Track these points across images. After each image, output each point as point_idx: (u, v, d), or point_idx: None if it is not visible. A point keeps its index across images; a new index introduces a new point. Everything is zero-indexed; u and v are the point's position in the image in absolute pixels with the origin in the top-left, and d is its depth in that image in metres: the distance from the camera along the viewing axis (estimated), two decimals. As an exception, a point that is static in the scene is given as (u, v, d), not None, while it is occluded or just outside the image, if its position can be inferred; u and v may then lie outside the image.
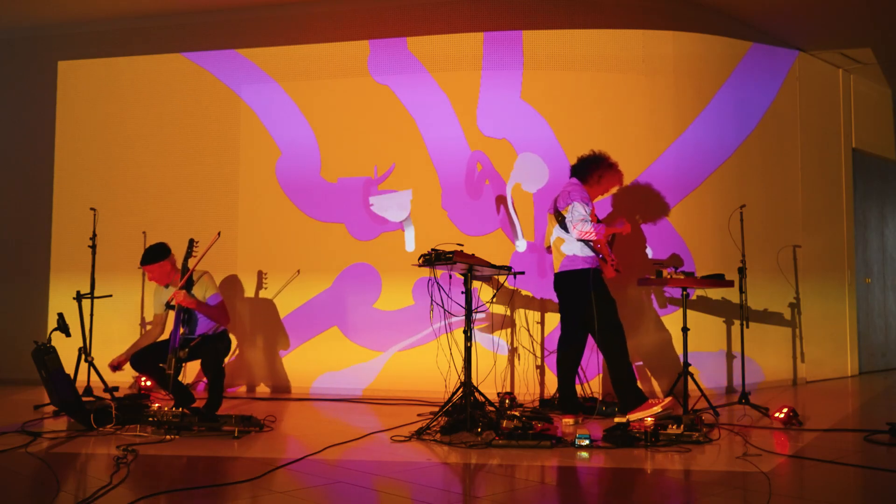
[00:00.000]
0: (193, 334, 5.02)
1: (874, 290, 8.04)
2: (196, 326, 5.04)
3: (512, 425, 4.22)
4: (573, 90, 6.22)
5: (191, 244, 5.08)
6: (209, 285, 5.10)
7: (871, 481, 3.55)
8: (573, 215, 4.91)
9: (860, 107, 7.74)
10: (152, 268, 5.12)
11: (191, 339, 4.98)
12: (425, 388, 6.05)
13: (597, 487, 3.57)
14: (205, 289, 5.06)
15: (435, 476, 3.66)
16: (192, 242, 5.09)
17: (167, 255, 5.15)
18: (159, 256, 5.12)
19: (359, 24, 6.52)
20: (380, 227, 6.34)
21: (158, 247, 5.16)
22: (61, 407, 4.69)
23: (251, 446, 4.19)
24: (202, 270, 5.14)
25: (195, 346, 4.93)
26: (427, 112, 6.33)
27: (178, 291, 4.90)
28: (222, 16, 6.80)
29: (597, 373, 5.82)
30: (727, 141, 6.51)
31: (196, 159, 6.66)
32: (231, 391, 6.29)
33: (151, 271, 5.14)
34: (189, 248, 5.06)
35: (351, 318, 6.34)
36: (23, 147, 7.22)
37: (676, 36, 6.33)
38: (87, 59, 7.02)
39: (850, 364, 7.43)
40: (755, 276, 6.12)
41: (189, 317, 4.98)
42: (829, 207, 7.38)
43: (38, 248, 7.00)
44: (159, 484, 3.45)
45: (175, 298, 4.90)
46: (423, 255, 4.61)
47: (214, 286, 5.14)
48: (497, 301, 5.87)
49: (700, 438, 4.21)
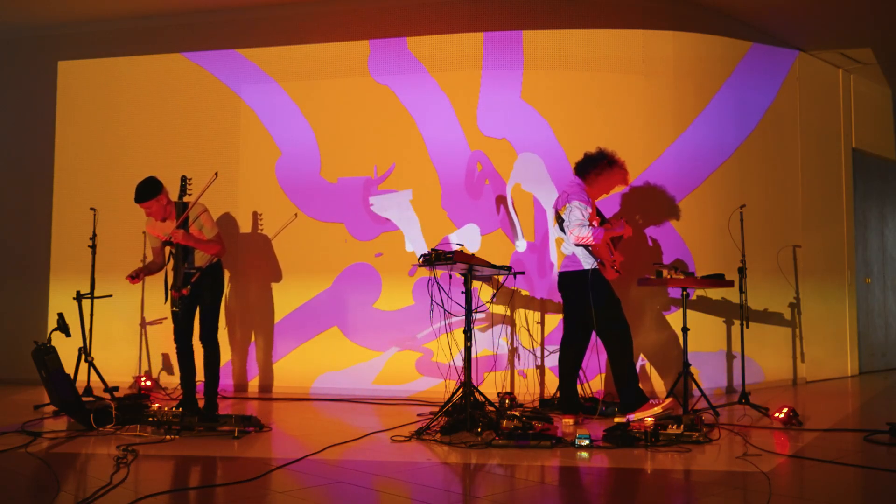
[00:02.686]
0: (193, 267, 5.00)
1: (874, 290, 8.04)
2: (194, 258, 5.02)
3: (512, 425, 4.22)
4: (573, 90, 6.22)
5: (184, 181, 5.00)
6: (206, 221, 5.04)
7: (871, 481, 3.55)
8: (570, 219, 4.87)
9: (860, 107, 7.74)
10: (150, 203, 5.01)
11: (191, 273, 4.96)
12: (425, 388, 6.06)
13: (597, 487, 3.57)
14: (201, 224, 5.02)
15: (435, 476, 3.66)
16: (185, 179, 5.01)
17: (161, 188, 5.05)
18: (155, 191, 5.02)
19: (359, 24, 6.52)
20: (380, 227, 6.34)
21: (150, 181, 5.04)
22: (61, 407, 4.70)
23: (251, 446, 4.19)
24: (200, 207, 5.03)
25: (196, 281, 4.94)
26: (427, 112, 6.33)
27: (175, 230, 4.87)
28: (222, 16, 6.80)
29: (597, 373, 5.82)
30: (727, 141, 6.51)
31: (196, 159, 6.65)
32: (228, 391, 6.29)
33: (150, 207, 5.03)
34: (182, 185, 4.99)
35: (351, 318, 6.34)
36: (23, 147, 7.22)
37: (676, 36, 6.33)
38: (87, 59, 7.02)
39: (850, 364, 7.43)
40: (755, 276, 6.11)
41: (186, 251, 4.96)
42: (829, 207, 7.38)
43: (38, 248, 7.00)
44: (159, 484, 3.45)
45: (174, 237, 4.88)
46: (423, 255, 4.61)
47: (212, 221, 5.08)
48: (497, 301, 5.87)
49: (700, 438, 4.21)
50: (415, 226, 6.28)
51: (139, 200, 5.03)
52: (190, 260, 5.00)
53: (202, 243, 4.99)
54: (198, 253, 5.03)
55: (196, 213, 5.00)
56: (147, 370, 6.54)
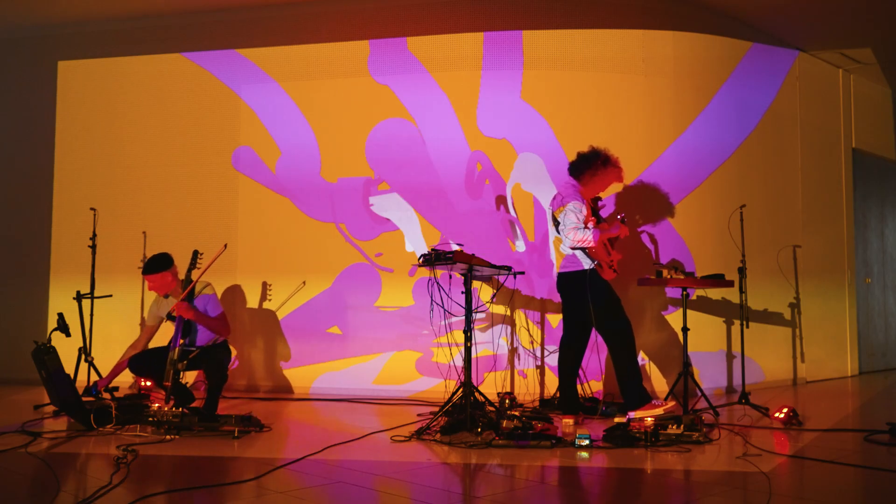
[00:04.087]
0: (194, 345, 4.96)
1: (874, 290, 8.04)
2: (196, 337, 4.98)
3: (512, 425, 4.22)
4: (573, 90, 6.22)
5: (195, 256, 5.01)
6: (211, 298, 5.06)
7: (871, 481, 3.55)
8: (565, 222, 4.84)
9: (860, 107, 7.74)
10: (153, 277, 5.08)
11: (190, 350, 4.90)
12: (425, 388, 6.06)
13: (597, 487, 3.57)
14: (206, 301, 5.03)
15: (435, 476, 3.66)
16: (196, 254, 5.02)
17: (170, 265, 5.11)
18: (161, 266, 5.08)
19: (359, 24, 6.52)
20: (380, 227, 6.34)
21: (161, 257, 5.11)
22: (61, 407, 4.69)
23: (251, 446, 4.19)
24: (205, 282, 5.08)
25: (194, 358, 4.86)
26: (427, 112, 6.33)
27: (179, 303, 4.85)
28: (222, 16, 6.80)
29: (597, 373, 5.82)
30: (727, 141, 6.51)
31: (196, 159, 6.66)
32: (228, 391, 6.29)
33: (153, 281, 5.10)
34: (193, 259, 4.99)
35: (351, 318, 6.34)
36: (23, 147, 7.22)
37: (676, 36, 6.33)
38: (87, 59, 7.02)
39: (850, 364, 7.43)
40: (755, 276, 6.12)
41: (189, 328, 4.92)
42: (829, 207, 7.38)
43: (38, 248, 6.99)
44: (159, 484, 3.45)
45: (177, 310, 4.86)
46: (423, 255, 4.61)
47: (216, 299, 5.11)
48: (497, 301, 5.87)
49: (700, 438, 4.21)
50: (415, 226, 6.28)
51: (145, 273, 5.11)
52: (192, 337, 4.96)
53: (207, 320, 4.96)
54: (202, 332, 4.99)
55: (201, 287, 5.03)
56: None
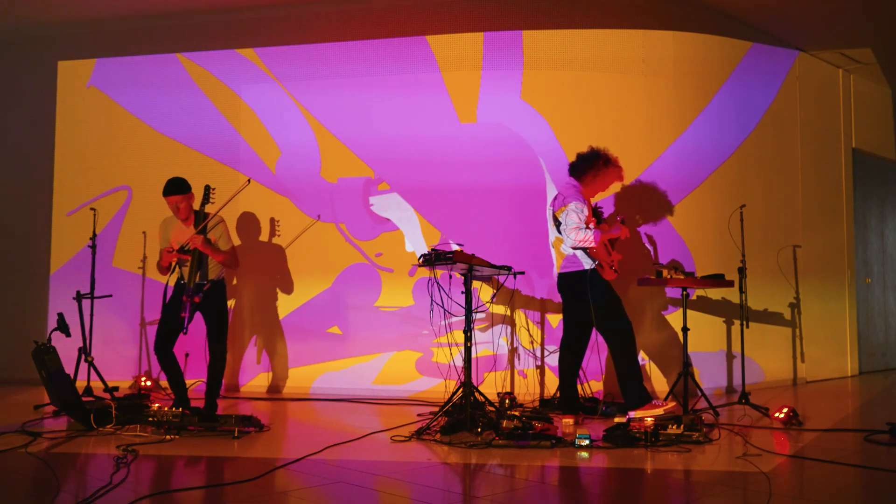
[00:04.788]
0: (206, 279, 5.00)
1: (874, 290, 8.04)
2: (207, 271, 5.02)
3: (512, 425, 4.22)
4: (573, 90, 6.22)
5: (207, 190, 5.00)
6: (223, 233, 5.07)
7: (871, 481, 3.56)
8: (566, 223, 4.84)
9: (860, 107, 7.74)
10: (179, 198, 5.03)
11: (201, 284, 4.95)
12: (425, 388, 6.06)
13: (597, 487, 3.57)
14: (219, 235, 5.05)
15: (435, 476, 3.66)
16: (208, 189, 5.01)
17: (189, 189, 5.09)
18: (186, 188, 5.06)
19: (358, 24, 6.52)
20: (380, 227, 6.34)
21: (182, 180, 5.08)
22: (61, 407, 4.69)
23: (251, 446, 4.19)
24: (218, 218, 5.07)
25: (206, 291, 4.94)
26: (427, 112, 6.33)
27: (195, 236, 4.88)
28: (222, 16, 6.80)
29: (597, 373, 5.82)
30: (727, 141, 6.51)
31: (196, 159, 6.65)
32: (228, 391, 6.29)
33: (179, 202, 5.04)
34: (206, 194, 5.00)
35: (351, 317, 6.34)
36: (23, 147, 7.22)
37: (676, 36, 6.33)
38: (87, 59, 7.02)
39: (850, 364, 7.43)
40: (755, 276, 6.12)
41: (201, 261, 4.96)
42: (829, 207, 7.38)
43: (38, 248, 7.00)
44: (159, 484, 3.45)
45: (192, 243, 4.89)
46: (423, 255, 4.61)
47: (228, 234, 5.13)
48: (497, 301, 5.87)
49: (700, 438, 4.22)
50: (415, 226, 6.28)
51: (170, 193, 5.03)
52: (203, 271, 4.99)
53: (220, 253, 5.00)
54: (210, 265, 5.03)
55: (215, 222, 5.03)
56: (147, 370, 6.54)
